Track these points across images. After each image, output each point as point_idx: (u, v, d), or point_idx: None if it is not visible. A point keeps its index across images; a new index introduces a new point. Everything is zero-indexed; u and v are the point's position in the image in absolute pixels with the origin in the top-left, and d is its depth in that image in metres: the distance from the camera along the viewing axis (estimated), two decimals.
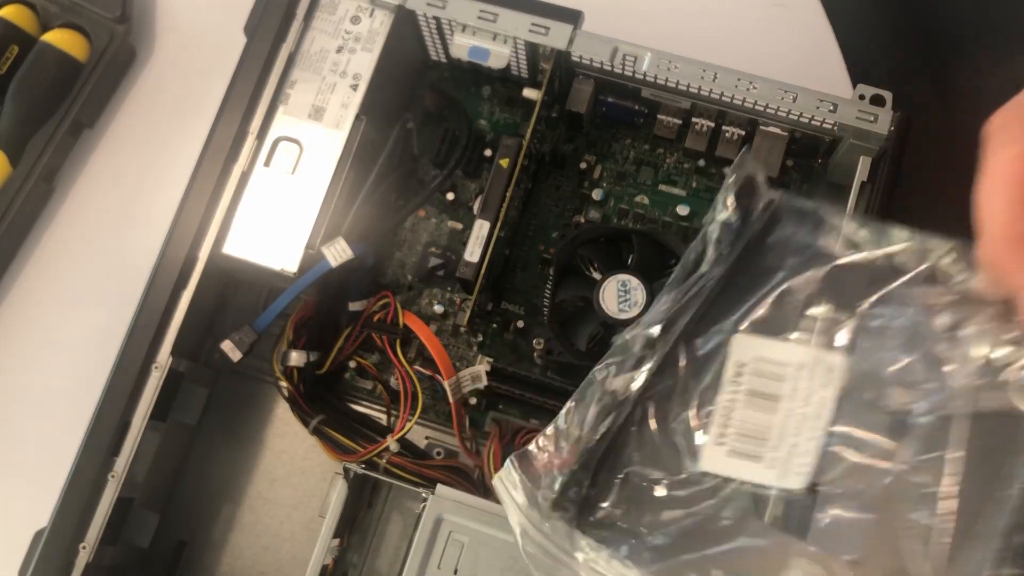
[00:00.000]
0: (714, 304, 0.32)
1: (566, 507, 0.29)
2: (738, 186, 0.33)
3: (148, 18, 0.66)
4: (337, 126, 0.51)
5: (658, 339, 0.31)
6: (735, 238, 0.32)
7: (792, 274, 0.32)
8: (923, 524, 0.28)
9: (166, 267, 0.49)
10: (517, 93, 0.56)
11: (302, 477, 0.55)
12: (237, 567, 0.54)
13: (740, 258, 0.33)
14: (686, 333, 0.32)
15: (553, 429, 0.31)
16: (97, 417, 0.48)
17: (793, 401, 0.30)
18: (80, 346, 0.60)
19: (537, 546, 0.29)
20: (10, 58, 0.60)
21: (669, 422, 0.31)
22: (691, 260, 0.32)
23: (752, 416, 0.30)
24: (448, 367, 0.52)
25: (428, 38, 0.56)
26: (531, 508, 0.29)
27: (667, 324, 0.31)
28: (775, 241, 0.33)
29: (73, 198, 0.63)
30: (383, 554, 0.53)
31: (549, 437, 0.31)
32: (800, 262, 0.32)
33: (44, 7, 0.62)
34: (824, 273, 0.31)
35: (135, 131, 0.64)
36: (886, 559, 0.28)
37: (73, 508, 0.47)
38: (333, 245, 0.50)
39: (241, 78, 0.51)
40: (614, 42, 0.51)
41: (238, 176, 0.50)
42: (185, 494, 0.55)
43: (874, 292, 0.31)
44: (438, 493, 0.47)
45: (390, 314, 0.53)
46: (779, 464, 0.29)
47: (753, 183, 0.33)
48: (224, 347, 0.51)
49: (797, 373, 0.30)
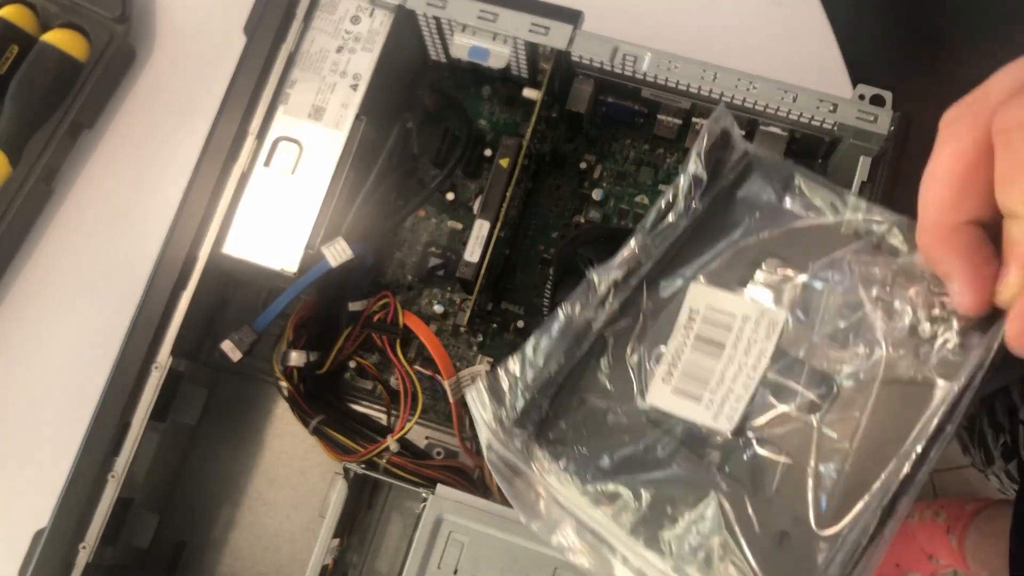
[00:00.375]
0: (680, 251, 0.34)
1: (526, 425, 0.33)
2: (712, 141, 0.35)
3: (148, 18, 0.66)
4: (337, 126, 0.51)
5: (622, 281, 0.34)
6: (704, 191, 0.35)
7: (753, 230, 0.34)
8: (826, 476, 0.31)
9: (166, 267, 0.49)
10: (517, 93, 0.56)
11: (302, 477, 0.55)
12: (237, 567, 0.54)
13: (710, 208, 0.35)
14: (651, 276, 0.34)
15: (520, 356, 0.34)
16: (97, 417, 0.48)
17: (735, 350, 0.33)
18: (80, 346, 0.60)
19: (499, 457, 0.33)
20: (10, 58, 0.60)
21: (625, 357, 0.34)
22: (662, 208, 0.35)
23: (697, 360, 0.33)
24: (448, 367, 0.52)
25: (428, 38, 0.56)
26: (496, 424, 0.33)
27: (632, 268, 0.34)
28: (744, 195, 0.35)
29: (73, 198, 0.63)
30: (383, 554, 0.53)
31: (515, 363, 0.34)
32: (762, 218, 0.34)
33: (44, 7, 0.62)
34: (781, 232, 0.34)
35: (135, 131, 0.64)
36: (792, 502, 0.31)
37: (73, 508, 0.47)
38: (333, 245, 0.50)
39: (241, 78, 0.51)
40: (614, 42, 0.51)
41: (238, 176, 0.50)
42: (185, 494, 0.55)
43: (823, 256, 0.33)
44: (438, 493, 0.47)
45: (390, 314, 0.53)
46: (715, 406, 0.32)
47: (728, 136, 0.35)
48: (224, 347, 0.51)
49: (742, 324, 0.33)
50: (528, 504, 0.33)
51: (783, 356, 0.33)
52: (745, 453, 0.32)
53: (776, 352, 0.33)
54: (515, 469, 0.33)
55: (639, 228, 0.35)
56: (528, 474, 0.33)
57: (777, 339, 0.33)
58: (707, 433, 0.33)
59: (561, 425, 0.34)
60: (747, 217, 0.34)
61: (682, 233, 0.34)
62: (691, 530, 0.31)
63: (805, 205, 0.34)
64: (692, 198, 0.34)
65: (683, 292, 0.34)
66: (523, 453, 0.33)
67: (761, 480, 0.32)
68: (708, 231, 0.35)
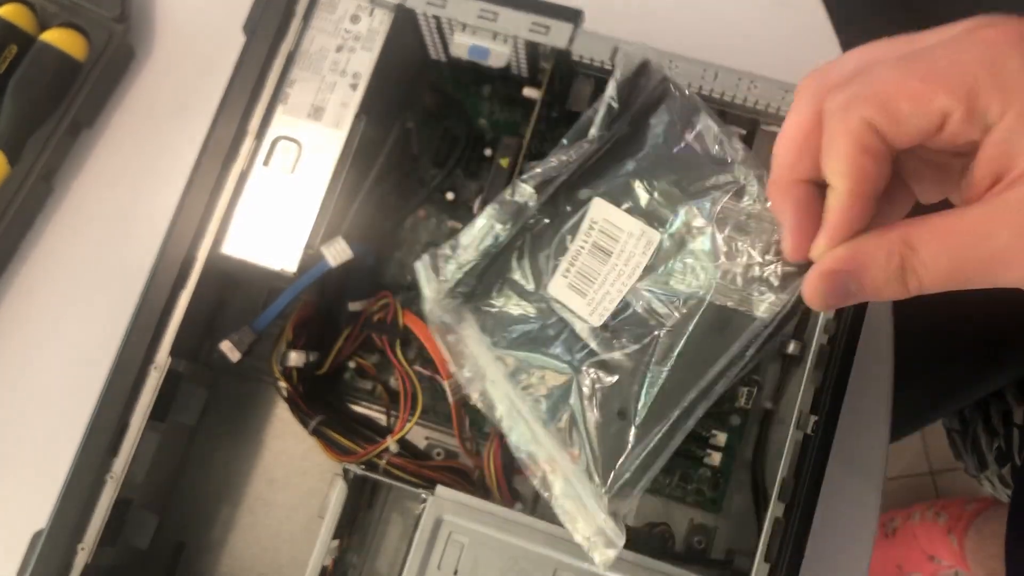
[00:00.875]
0: (594, 166, 0.40)
1: (457, 295, 0.41)
2: (629, 71, 0.40)
3: (147, 17, 0.66)
4: (336, 125, 0.51)
5: (541, 187, 0.40)
6: (618, 115, 0.40)
7: (654, 154, 0.40)
8: (656, 373, 0.38)
9: (165, 267, 0.49)
10: (517, 92, 0.55)
11: (301, 478, 0.55)
12: (236, 568, 0.54)
13: (629, 128, 0.40)
14: (568, 184, 0.40)
15: (456, 242, 0.40)
16: (95, 417, 0.47)
17: (619, 259, 0.39)
18: (78, 346, 0.60)
19: (438, 316, 0.41)
20: (8, 57, 0.60)
21: (538, 251, 0.41)
22: (582, 126, 0.40)
23: (589, 263, 0.40)
24: (448, 367, 0.52)
25: (428, 37, 0.56)
26: (436, 292, 0.40)
27: (551, 177, 0.40)
28: (655, 122, 0.40)
29: (72, 198, 0.63)
30: (383, 555, 0.53)
31: (453, 248, 0.40)
32: (663, 145, 0.40)
33: (43, 6, 0.62)
34: (675, 161, 0.40)
35: (134, 130, 0.64)
36: (627, 392, 0.39)
37: (71, 509, 0.47)
38: (332, 245, 0.50)
39: (240, 77, 0.51)
40: (615, 41, 0.51)
41: (237, 176, 0.50)
42: (184, 495, 0.55)
43: (700, 189, 0.39)
44: (438, 494, 0.47)
45: (390, 314, 0.53)
46: (594, 303, 0.39)
47: (647, 66, 0.41)
48: (223, 347, 0.51)
49: (627, 239, 0.40)
50: (456, 354, 0.41)
51: (651, 269, 0.40)
52: (604, 344, 0.39)
53: (647, 265, 0.39)
54: (448, 327, 0.41)
55: (560, 144, 0.40)
56: (457, 328, 0.41)
57: (651, 256, 0.39)
58: (583, 323, 0.40)
59: (486, 299, 0.41)
60: (653, 140, 0.40)
61: (597, 150, 0.40)
62: (555, 398, 0.39)
63: (699, 140, 0.40)
64: (605, 121, 0.40)
65: (587, 203, 0.40)
66: (455, 315, 0.41)
67: (609, 368, 0.39)
68: (621, 150, 0.41)
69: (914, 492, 1.29)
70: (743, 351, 0.37)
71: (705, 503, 0.52)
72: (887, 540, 1.16)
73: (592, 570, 0.45)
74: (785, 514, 0.45)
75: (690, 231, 0.39)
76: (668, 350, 0.38)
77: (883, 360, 0.55)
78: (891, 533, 1.16)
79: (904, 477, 1.30)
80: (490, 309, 0.41)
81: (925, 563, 1.13)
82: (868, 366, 0.54)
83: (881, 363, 0.55)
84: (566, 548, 0.45)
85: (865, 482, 0.54)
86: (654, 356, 0.38)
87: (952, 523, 1.07)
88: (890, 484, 1.28)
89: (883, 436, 0.54)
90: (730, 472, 0.52)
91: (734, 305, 0.38)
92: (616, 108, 0.40)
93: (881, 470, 0.54)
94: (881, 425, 0.54)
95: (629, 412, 0.38)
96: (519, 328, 0.40)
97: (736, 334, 0.38)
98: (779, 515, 0.45)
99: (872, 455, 0.54)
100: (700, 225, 0.39)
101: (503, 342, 0.40)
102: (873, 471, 0.54)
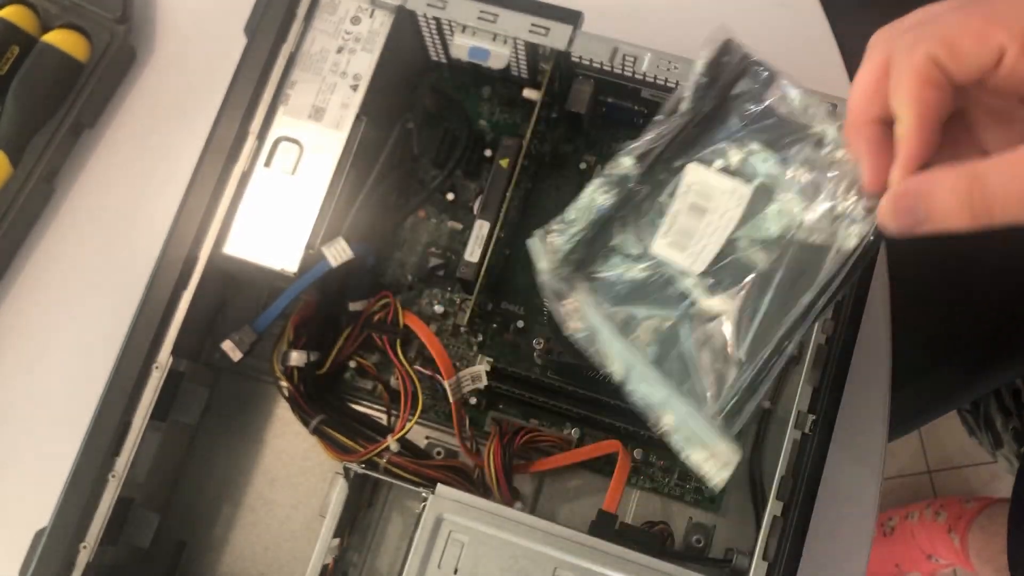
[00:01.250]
0: (686, 136, 0.44)
1: (568, 264, 0.44)
2: (714, 50, 0.44)
3: (148, 18, 0.66)
4: (337, 126, 0.51)
5: (639, 160, 0.43)
6: (706, 92, 0.44)
7: (739, 120, 0.44)
8: (755, 309, 0.41)
9: (166, 267, 0.49)
10: (517, 93, 0.56)
11: (302, 477, 0.56)
12: (237, 567, 0.55)
13: (715, 100, 0.44)
14: (664, 156, 0.44)
15: (564, 216, 0.44)
16: (97, 417, 0.48)
17: (714, 215, 0.43)
18: (80, 346, 0.60)
19: (551, 286, 0.44)
20: (10, 58, 0.60)
21: (640, 217, 0.44)
22: (673, 103, 0.44)
23: (688, 222, 0.43)
24: (448, 367, 0.52)
25: (428, 38, 0.56)
26: (550, 263, 0.44)
27: (648, 150, 0.44)
28: (738, 92, 0.44)
29: (74, 198, 0.63)
30: (383, 554, 0.54)
31: (562, 221, 0.44)
32: (748, 112, 0.44)
33: (44, 7, 0.62)
34: (760, 124, 0.44)
35: (135, 131, 0.64)
36: (733, 327, 0.42)
37: (73, 508, 0.47)
38: (333, 245, 0.50)
39: (241, 78, 0.51)
40: (614, 42, 0.51)
41: (238, 176, 0.51)
42: (185, 494, 0.55)
43: (785, 144, 0.43)
44: (438, 493, 0.47)
45: (390, 314, 0.53)
46: (694, 256, 0.43)
47: (729, 44, 0.44)
48: (224, 347, 0.51)
49: (720, 196, 0.43)
50: (570, 318, 0.44)
51: (744, 221, 0.43)
52: (707, 291, 0.43)
53: (741, 217, 0.43)
54: (562, 295, 0.44)
55: (655, 117, 0.44)
56: (571, 297, 0.44)
57: (743, 208, 0.43)
58: (685, 274, 0.43)
59: (595, 266, 0.45)
60: (737, 111, 0.44)
61: (688, 122, 0.44)
62: (664, 342, 0.43)
63: (781, 103, 0.43)
64: (694, 98, 0.44)
65: (682, 169, 0.44)
66: (567, 283, 0.44)
67: (712, 310, 0.42)
68: (710, 121, 0.44)
69: (912, 491, 1.29)
70: (829, 281, 0.41)
71: (704, 502, 0.53)
72: (885, 539, 1.17)
73: (592, 568, 0.45)
74: (783, 513, 0.45)
75: (777, 181, 0.43)
76: (764, 288, 0.42)
77: (881, 360, 0.56)
78: (889, 532, 1.17)
79: (902, 476, 1.30)
80: (599, 273, 0.44)
81: (923, 562, 1.13)
82: (866, 366, 0.54)
83: (879, 363, 0.56)
84: (566, 547, 0.46)
85: (863, 481, 0.54)
86: (753, 294, 0.42)
87: (952, 521, 1.08)
88: (888, 483, 1.28)
89: (881, 435, 0.55)
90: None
91: (821, 242, 0.41)
92: (704, 83, 0.44)
93: (879, 469, 0.54)
94: (879, 424, 0.55)
95: (733, 345, 0.42)
96: (626, 286, 0.44)
97: (823, 267, 0.41)
98: (777, 514, 0.45)
99: (870, 454, 0.54)
100: (786, 174, 0.42)
101: (613, 301, 0.44)
102: (871, 470, 0.54)
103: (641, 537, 0.47)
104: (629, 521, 0.52)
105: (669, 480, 0.53)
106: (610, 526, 0.47)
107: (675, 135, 0.44)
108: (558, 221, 0.44)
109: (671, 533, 0.52)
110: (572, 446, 0.53)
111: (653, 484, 0.53)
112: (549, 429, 0.54)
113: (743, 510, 0.52)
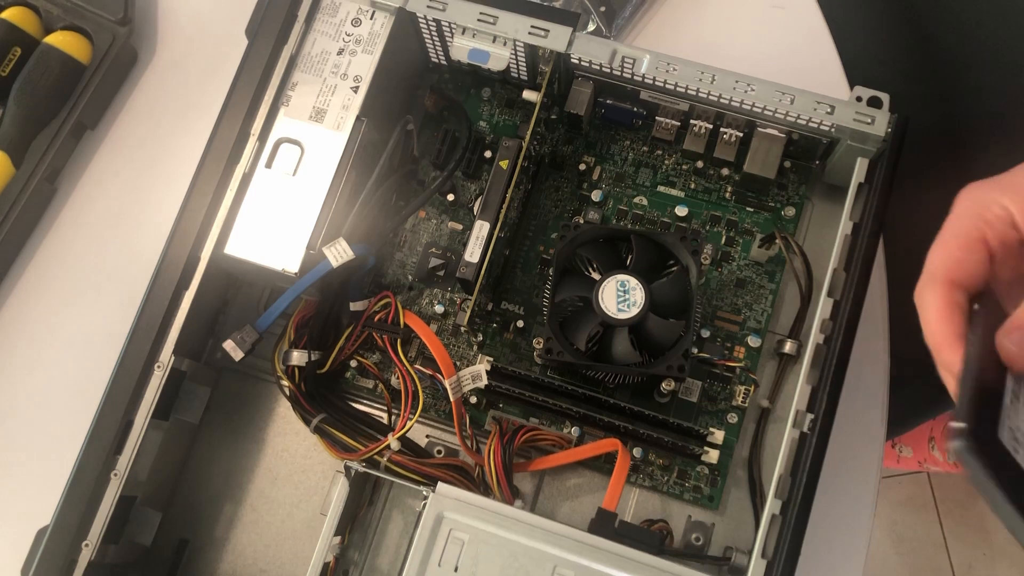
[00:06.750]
0: None
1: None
2: None
3: (150, 20, 0.66)
4: (338, 128, 0.52)
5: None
6: None
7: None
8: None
9: (168, 267, 0.50)
10: (517, 95, 0.56)
11: (303, 475, 0.56)
12: (239, 565, 0.55)
13: None
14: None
15: None
16: (100, 416, 0.48)
17: None
18: (83, 345, 0.60)
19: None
20: (13, 60, 0.60)
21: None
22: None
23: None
24: (448, 366, 0.53)
25: (428, 40, 0.56)
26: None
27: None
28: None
29: (75, 199, 0.63)
30: (384, 552, 0.54)
31: None
32: None
33: (47, 9, 0.62)
34: None
35: (137, 132, 0.64)
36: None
37: (76, 506, 0.47)
38: (334, 246, 0.51)
39: (243, 80, 0.52)
40: (613, 44, 0.52)
41: (240, 177, 0.51)
42: (187, 492, 0.56)
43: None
44: (439, 491, 0.47)
45: (391, 314, 0.54)
46: None
47: None
48: (226, 346, 0.52)
49: None
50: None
51: None
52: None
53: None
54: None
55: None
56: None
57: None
58: None
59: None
60: None
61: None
62: None
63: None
64: None
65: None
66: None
67: None
68: None
69: (911, 490, 1.29)
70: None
71: (703, 500, 0.53)
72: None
73: (591, 566, 0.46)
74: (782, 511, 0.45)
75: None
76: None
77: (879, 359, 0.56)
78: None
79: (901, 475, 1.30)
80: None
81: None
82: (864, 365, 0.55)
83: (877, 362, 0.56)
84: (566, 545, 0.46)
85: (861, 479, 0.54)
86: None
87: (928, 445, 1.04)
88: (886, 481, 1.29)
89: (879, 434, 0.55)
90: (727, 470, 0.53)
91: None
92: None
93: (877, 467, 0.54)
94: (877, 423, 0.55)
95: None
96: None
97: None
98: (776, 512, 0.45)
99: (868, 453, 0.54)
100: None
101: None
102: (869, 468, 0.54)
103: (640, 535, 0.48)
104: (628, 519, 0.53)
105: (668, 478, 0.53)
106: (609, 524, 0.47)
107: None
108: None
109: (670, 531, 0.52)
110: (572, 445, 0.53)
111: (652, 482, 0.53)
112: (549, 428, 0.54)
113: (742, 508, 0.53)
